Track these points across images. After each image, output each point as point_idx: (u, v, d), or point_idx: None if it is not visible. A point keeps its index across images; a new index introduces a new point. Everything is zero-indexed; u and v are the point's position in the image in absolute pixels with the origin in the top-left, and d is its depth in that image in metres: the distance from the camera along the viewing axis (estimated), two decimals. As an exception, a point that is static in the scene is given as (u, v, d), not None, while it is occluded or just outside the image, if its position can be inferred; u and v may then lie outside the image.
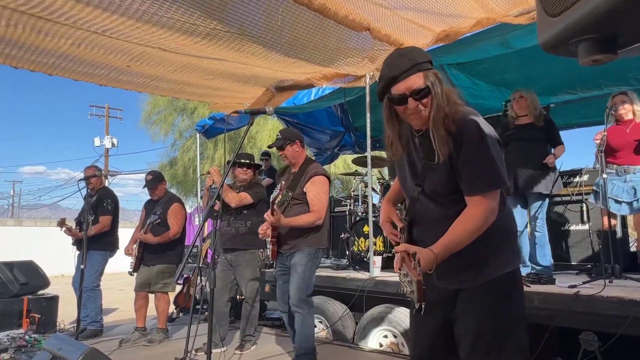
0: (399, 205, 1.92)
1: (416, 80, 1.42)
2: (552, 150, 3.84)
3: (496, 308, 1.46)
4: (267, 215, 2.91)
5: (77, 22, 2.66)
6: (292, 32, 3.23)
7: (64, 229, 4.70)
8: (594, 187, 3.69)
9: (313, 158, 3.37)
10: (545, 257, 3.70)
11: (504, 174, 1.43)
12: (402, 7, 3.17)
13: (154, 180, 4.44)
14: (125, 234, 5.03)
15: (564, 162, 4.01)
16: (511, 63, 4.88)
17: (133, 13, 2.51)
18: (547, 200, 3.82)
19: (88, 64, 3.51)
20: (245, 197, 3.80)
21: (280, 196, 2.96)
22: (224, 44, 3.04)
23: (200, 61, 3.51)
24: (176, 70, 3.74)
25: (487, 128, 1.45)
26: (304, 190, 3.14)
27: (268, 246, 3.15)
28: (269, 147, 3.68)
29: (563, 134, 6.40)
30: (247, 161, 3.97)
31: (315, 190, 3.13)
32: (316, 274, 4.52)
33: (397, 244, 1.58)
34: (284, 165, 3.48)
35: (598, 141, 3.48)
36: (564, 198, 4.58)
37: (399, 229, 1.66)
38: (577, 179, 4.52)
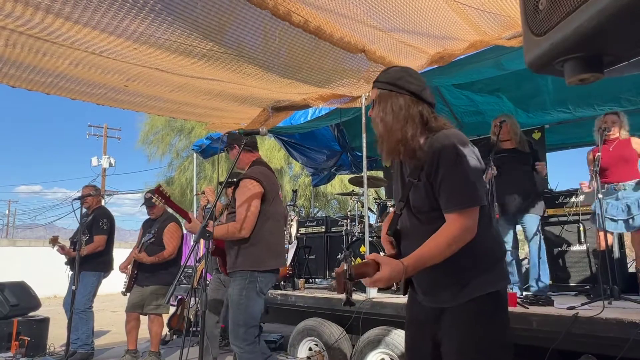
0: None
1: (372, 94, 1.63)
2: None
3: (476, 329, 1.46)
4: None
5: (75, 43, 2.69)
6: (289, 54, 3.27)
7: (56, 247, 4.63)
8: (592, 209, 3.73)
9: (262, 161, 3.06)
10: (544, 277, 3.70)
11: (481, 192, 1.46)
12: (396, 30, 3.22)
13: (152, 199, 4.42)
14: (120, 254, 4.98)
15: (559, 182, 4.05)
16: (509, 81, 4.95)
17: (130, 34, 2.54)
18: (540, 220, 3.85)
19: (86, 84, 3.53)
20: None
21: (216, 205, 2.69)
22: (220, 65, 3.07)
23: (198, 81, 3.54)
24: (173, 90, 3.77)
25: (466, 147, 1.49)
26: (235, 197, 2.79)
27: None
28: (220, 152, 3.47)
29: (558, 154, 6.45)
30: None
31: (239, 197, 2.74)
32: (312, 295, 4.52)
33: None
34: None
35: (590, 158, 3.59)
36: (561, 219, 4.59)
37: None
38: (573, 199, 4.53)
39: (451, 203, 1.44)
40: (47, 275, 12.79)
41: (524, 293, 3.76)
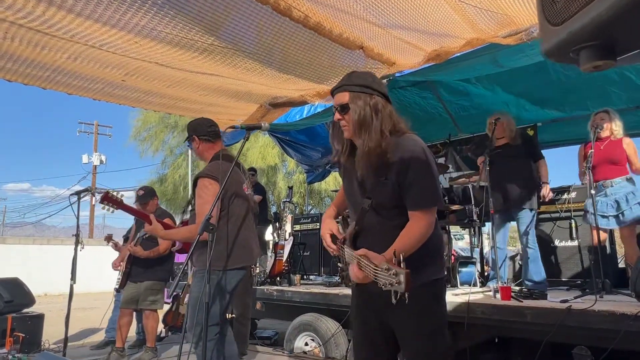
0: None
1: (342, 98, 1.68)
2: (533, 165, 3.98)
3: (431, 309, 1.69)
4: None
5: (75, 35, 2.68)
6: (287, 49, 3.29)
7: (110, 243, 4.80)
8: (584, 208, 3.80)
9: (225, 154, 2.81)
10: (539, 273, 3.76)
11: (440, 194, 1.70)
12: (394, 26, 3.25)
13: (146, 196, 4.41)
14: (110, 252, 4.95)
15: (552, 179, 4.10)
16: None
17: (132, 27, 2.54)
18: (535, 215, 3.91)
19: (83, 78, 3.51)
20: None
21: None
22: (220, 60, 3.08)
23: (196, 76, 3.54)
24: (171, 85, 3.77)
25: (430, 153, 1.67)
26: (195, 196, 2.65)
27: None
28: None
29: (550, 151, 6.50)
30: None
31: (197, 198, 2.60)
32: (309, 290, 4.54)
33: (336, 256, 1.83)
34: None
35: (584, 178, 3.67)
36: (553, 215, 4.66)
37: (337, 241, 1.81)
38: (565, 196, 4.61)
39: (421, 203, 1.61)
40: (38, 274, 12.66)
41: (517, 287, 3.82)
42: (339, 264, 1.94)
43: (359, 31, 3.30)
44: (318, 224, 6.66)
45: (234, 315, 4.17)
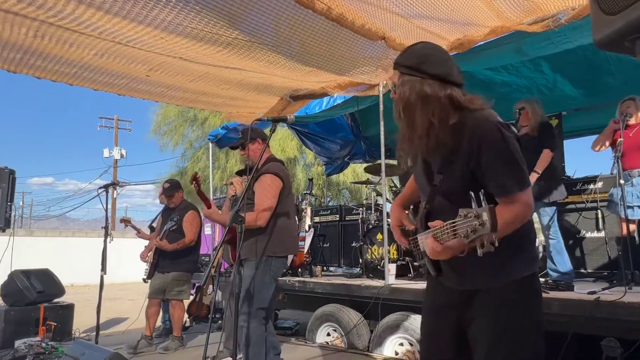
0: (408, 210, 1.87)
1: (394, 76, 1.53)
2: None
3: (516, 310, 1.42)
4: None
5: (103, 33, 2.73)
6: (308, 41, 3.28)
7: (128, 226, 4.92)
8: (609, 197, 3.71)
9: (276, 158, 3.27)
10: (565, 263, 3.69)
11: (526, 172, 1.42)
12: (417, 16, 3.22)
13: (172, 188, 4.55)
14: (133, 244, 5.06)
15: (577, 169, 4.00)
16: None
17: (159, 23, 2.58)
18: (555, 208, 3.82)
19: (109, 74, 3.59)
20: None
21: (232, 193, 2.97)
22: (243, 53, 3.10)
23: (219, 70, 3.58)
24: (194, 79, 3.82)
25: (507, 128, 1.42)
26: (254, 189, 2.96)
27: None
28: (232, 148, 3.47)
29: (575, 141, 6.33)
30: None
31: (260, 189, 2.94)
32: (330, 281, 4.58)
33: (406, 249, 1.58)
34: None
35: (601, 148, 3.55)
36: (579, 205, 4.58)
37: (409, 233, 1.65)
38: (591, 186, 4.52)
39: (505, 189, 1.38)
40: (64, 265, 13.03)
41: (542, 279, 3.78)
42: (415, 262, 1.77)
43: (381, 22, 3.28)
44: (337, 215, 6.67)
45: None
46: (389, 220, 4.52)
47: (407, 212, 1.76)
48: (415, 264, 3.82)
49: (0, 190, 3.84)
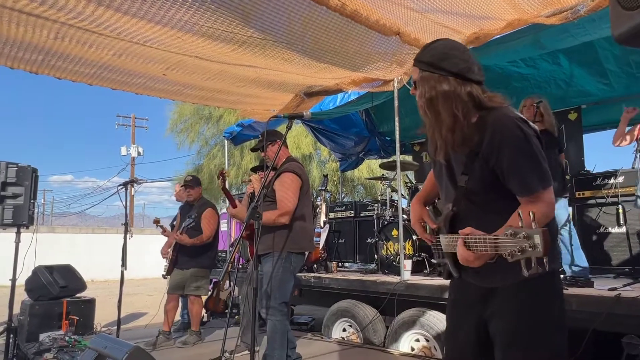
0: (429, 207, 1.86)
1: (414, 73, 1.54)
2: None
3: (533, 308, 1.40)
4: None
5: (121, 33, 2.79)
6: (322, 38, 3.29)
7: (159, 227, 4.93)
8: (636, 193, 3.64)
9: (295, 158, 3.37)
10: (582, 258, 3.65)
11: (547, 170, 1.40)
12: (432, 10, 3.19)
13: (193, 182, 4.70)
14: (151, 240, 5.15)
15: (597, 164, 3.92)
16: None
17: (175, 23, 2.62)
18: (566, 204, 3.81)
19: (127, 74, 3.65)
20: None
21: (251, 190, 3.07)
22: (258, 51, 3.13)
23: (234, 68, 3.61)
24: (210, 77, 3.86)
25: (527, 126, 1.41)
26: (274, 188, 3.07)
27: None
28: (252, 150, 3.61)
29: (595, 135, 6.21)
30: None
31: (280, 188, 3.04)
32: (346, 277, 4.60)
33: (422, 245, 1.57)
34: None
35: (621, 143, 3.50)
36: (599, 200, 4.50)
37: (429, 230, 1.65)
38: (612, 180, 4.43)
39: (528, 187, 1.37)
40: (85, 261, 13.34)
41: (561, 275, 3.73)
42: (433, 260, 1.75)
43: (396, 17, 3.26)
44: (352, 211, 6.68)
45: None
46: (404, 216, 4.56)
47: (427, 210, 1.75)
48: (433, 261, 3.79)
49: (24, 188, 3.94)
